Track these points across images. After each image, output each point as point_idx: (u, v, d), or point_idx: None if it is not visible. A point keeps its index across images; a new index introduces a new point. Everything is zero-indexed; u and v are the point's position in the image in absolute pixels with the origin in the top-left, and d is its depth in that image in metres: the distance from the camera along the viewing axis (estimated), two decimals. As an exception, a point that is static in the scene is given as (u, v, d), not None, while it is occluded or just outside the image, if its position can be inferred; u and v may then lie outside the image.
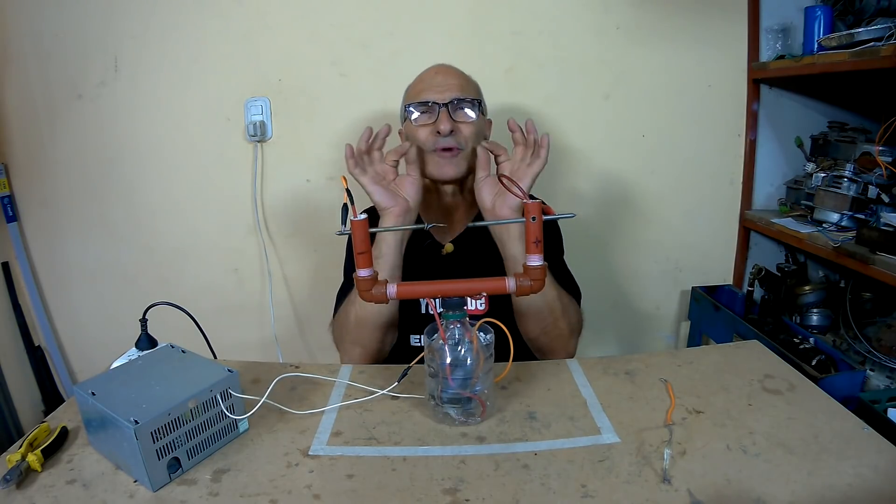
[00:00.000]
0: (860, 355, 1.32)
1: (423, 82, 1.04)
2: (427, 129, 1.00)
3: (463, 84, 1.04)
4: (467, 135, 1.01)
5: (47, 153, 1.61)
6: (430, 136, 1.00)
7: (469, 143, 1.01)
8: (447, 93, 1.01)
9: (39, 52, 1.55)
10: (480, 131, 1.05)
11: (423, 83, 1.04)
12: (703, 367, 0.90)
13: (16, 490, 0.65)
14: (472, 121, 1.01)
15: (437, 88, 1.01)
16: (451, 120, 0.99)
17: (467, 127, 1.01)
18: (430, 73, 1.05)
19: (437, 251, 1.07)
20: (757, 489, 0.63)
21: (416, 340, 1.07)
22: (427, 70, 1.07)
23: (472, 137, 1.02)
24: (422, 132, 1.01)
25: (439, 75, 1.04)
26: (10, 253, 1.66)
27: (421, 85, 1.04)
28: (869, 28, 1.17)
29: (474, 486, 0.65)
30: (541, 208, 0.79)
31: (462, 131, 1.00)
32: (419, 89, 1.04)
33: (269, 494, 0.65)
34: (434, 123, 0.99)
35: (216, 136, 1.58)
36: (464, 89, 1.02)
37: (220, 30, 1.52)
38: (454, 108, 1.00)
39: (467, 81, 1.06)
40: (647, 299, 1.71)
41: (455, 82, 1.03)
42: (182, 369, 0.76)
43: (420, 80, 1.06)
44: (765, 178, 1.62)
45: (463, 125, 1.00)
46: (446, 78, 1.03)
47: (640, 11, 1.50)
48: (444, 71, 1.05)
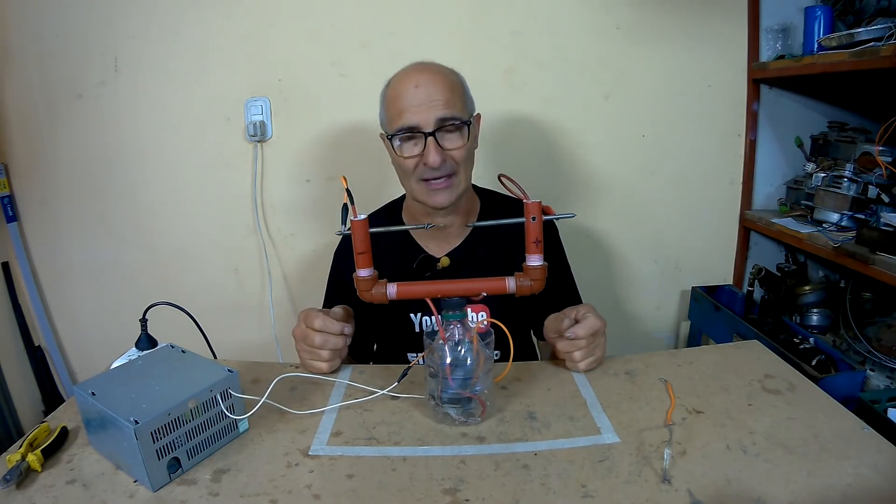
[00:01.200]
0: (860, 355, 1.32)
1: (403, 100, 0.93)
2: (414, 160, 0.94)
3: (447, 96, 0.93)
4: (458, 159, 0.94)
5: (47, 153, 1.61)
6: (419, 166, 0.94)
7: (462, 166, 0.95)
8: (432, 112, 0.91)
9: (39, 52, 1.55)
10: (472, 147, 0.98)
11: (403, 101, 0.93)
12: (703, 367, 0.90)
13: (16, 490, 0.66)
14: (461, 146, 0.94)
15: (420, 109, 0.91)
16: (439, 149, 0.92)
17: (458, 152, 0.94)
18: (410, 87, 0.93)
19: (433, 265, 1.04)
20: (757, 489, 0.63)
21: (412, 357, 1.07)
22: (405, 79, 0.95)
23: (464, 160, 0.95)
24: (409, 162, 0.94)
25: (420, 88, 0.92)
26: (10, 253, 1.66)
27: (401, 103, 0.93)
28: (869, 28, 1.17)
29: (474, 486, 0.65)
30: (541, 208, 0.79)
31: (453, 157, 0.94)
32: (399, 109, 0.93)
33: (269, 494, 0.65)
34: (422, 155, 0.92)
35: (216, 136, 1.58)
36: (448, 103, 0.92)
37: (221, 30, 1.52)
38: (441, 134, 0.92)
39: (451, 89, 0.94)
40: (647, 299, 1.71)
41: (439, 97, 0.92)
42: (182, 369, 0.76)
43: (399, 95, 0.94)
44: (765, 178, 1.62)
45: (453, 151, 0.94)
46: (428, 92, 0.92)
47: (640, 11, 1.50)
48: (424, 81, 0.93)
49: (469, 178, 1.00)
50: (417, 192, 0.97)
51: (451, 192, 0.96)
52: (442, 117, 0.92)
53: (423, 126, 0.92)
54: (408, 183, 0.99)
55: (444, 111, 0.92)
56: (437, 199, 0.96)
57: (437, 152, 0.91)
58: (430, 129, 0.92)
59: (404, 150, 0.95)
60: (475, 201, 1.11)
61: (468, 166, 0.98)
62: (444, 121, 0.92)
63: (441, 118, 0.92)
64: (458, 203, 1.01)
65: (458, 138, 0.94)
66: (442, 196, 0.96)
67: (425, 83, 0.93)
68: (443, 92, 0.93)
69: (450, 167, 0.94)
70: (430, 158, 0.91)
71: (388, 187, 1.23)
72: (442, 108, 0.92)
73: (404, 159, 0.95)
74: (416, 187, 0.97)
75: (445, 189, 0.95)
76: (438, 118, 0.92)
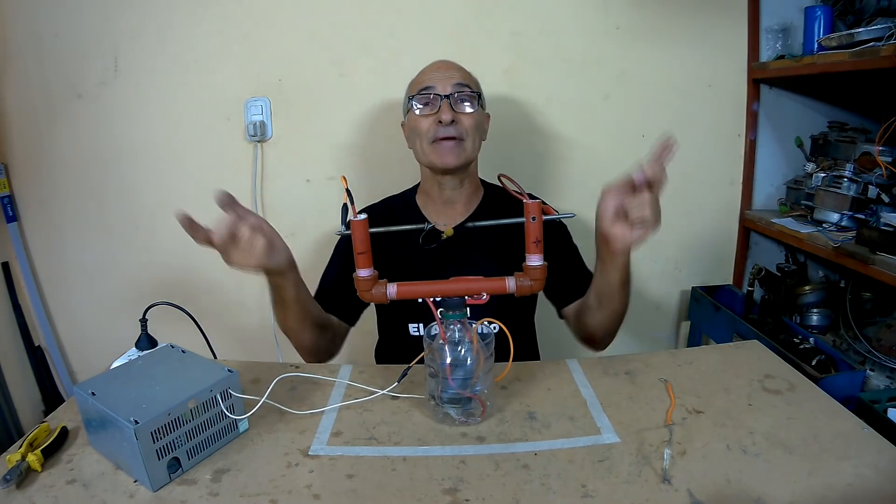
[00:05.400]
0: (860, 355, 1.32)
1: (426, 74, 1.09)
2: (429, 119, 1.04)
3: (465, 75, 1.08)
4: (468, 126, 1.04)
5: (47, 153, 1.61)
6: (432, 126, 1.04)
7: (469, 134, 1.05)
8: (449, 83, 1.05)
9: (39, 52, 1.55)
10: (480, 124, 1.08)
11: (426, 75, 1.08)
12: (703, 367, 0.90)
13: (16, 490, 0.66)
14: (472, 112, 1.05)
15: (440, 79, 1.05)
16: (452, 110, 1.03)
17: (468, 118, 1.04)
18: (433, 67, 1.10)
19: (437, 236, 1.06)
20: (757, 489, 0.63)
21: (414, 329, 1.08)
22: (430, 64, 1.11)
23: (473, 128, 1.05)
24: (424, 122, 1.04)
25: (441, 69, 1.08)
26: (10, 253, 1.66)
27: (423, 77, 1.08)
28: (869, 28, 1.17)
29: (474, 486, 0.65)
30: (541, 208, 0.79)
31: (463, 122, 1.04)
32: (421, 80, 1.08)
33: (269, 494, 0.65)
34: (436, 114, 1.03)
35: (216, 136, 1.58)
36: (465, 79, 1.07)
37: (220, 30, 1.51)
38: (455, 100, 1.04)
39: (468, 75, 1.10)
40: (647, 299, 1.71)
41: (457, 74, 1.07)
42: (182, 369, 0.76)
43: (423, 72, 1.10)
44: (765, 178, 1.62)
45: (464, 116, 1.04)
46: (449, 70, 1.08)
47: (640, 11, 1.50)
48: (445, 65, 1.09)
49: (475, 150, 1.08)
50: (429, 152, 1.05)
51: (458, 154, 1.04)
52: (458, 83, 1.05)
53: (440, 91, 1.04)
54: (421, 146, 1.06)
55: (459, 80, 1.06)
56: (445, 160, 1.04)
57: (449, 110, 1.03)
58: (447, 93, 1.04)
59: (422, 111, 1.05)
60: (479, 189, 1.16)
61: (476, 137, 1.07)
62: (460, 86, 1.05)
63: (457, 83, 1.05)
64: (464, 176, 1.09)
65: (469, 106, 1.05)
66: (450, 156, 1.04)
67: (446, 66, 1.09)
68: (461, 72, 1.09)
69: (458, 130, 1.03)
70: (443, 115, 1.02)
71: (389, 187, 1.23)
72: (458, 80, 1.06)
73: (421, 118, 1.05)
74: (427, 149, 1.05)
75: (453, 150, 1.04)
76: (455, 84, 1.05)
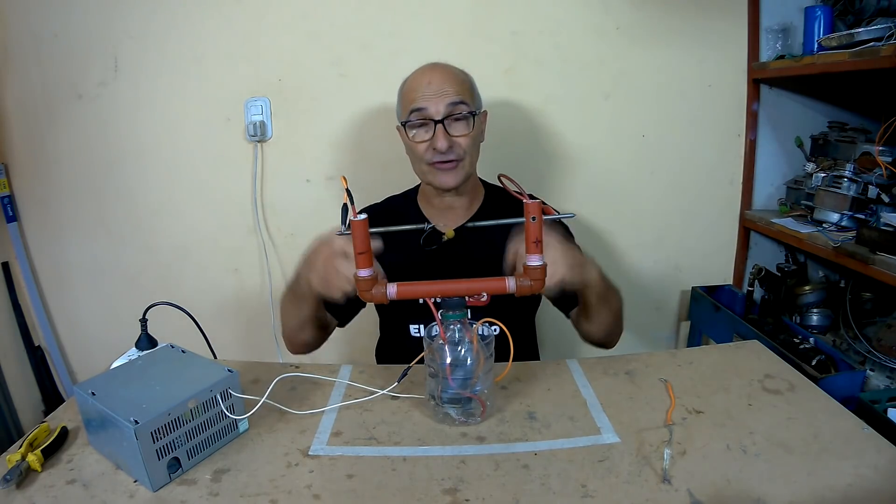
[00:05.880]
0: (860, 355, 1.32)
1: (416, 91, 1.03)
2: (425, 144, 1.03)
3: (456, 88, 1.03)
4: (465, 146, 1.04)
5: (47, 153, 1.61)
6: (428, 150, 1.03)
7: (467, 153, 1.05)
8: (441, 101, 1.01)
9: (39, 52, 1.55)
10: (477, 136, 1.08)
11: (416, 92, 1.03)
12: (703, 367, 0.90)
13: (16, 490, 0.66)
14: (467, 133, 1.04)
15: (431, 97, 1.01)
16: (447, 135, 1.01)
17: (464, 139, 1.04)
18: (423, 80, 1.04)
19: (438, 238, 1.07)
20: (757, 489, 0.63)
21: (415, 330, 1.08)
22: (419, 73, 1.06)
23: (470, 146, 1.05)
24: (420, 146, 1.04)
25: (433, 83, 1.02)
26: (10, 253, 1.66)
27: (414, 94, 1.03)
28: (869, 28, 1.17)
29: (474, 486, 0.65)
30: (541, 208, 0.79)
31: (460, 144, 1.03)
32: (412, 98, 1.03)
33: (269, 494, 0.65)
34: (431, 140, 1.02)
35: (216, 136, 1.58)
36: (457, 93, 1.02)
37: (220, 30, 1.51)
38: (450, 122, 1.02)
39: (461, 82, 1.05)
40: (647, 299, 1.71)
41: (448, 88, 1.02)
42: (182, 369, 0.76)
43: (412, 87, 1.05)
44: (765, 178, 1.62)
45: (460, 138, 1.03)
46: (440, 84, 1.02)
47: (640, 12, 1.50)
48: (437, 76, 1.03)
49: (474, 164, 1.09)
50: (427, 173, 1.07)
51: (457, 174, 1.05)
52: (451, 102, 1.02)
53: (433, 114, 1.02)
54: (419, 166, 1.08)
55: (452, 97, 1.02)
56: (443, 180, 1.05)
57: (444, 138, 1.01)
58: (440, 117, 1.01)
59: (416, 136, 1.04)
60: (480, 190, 1.17)
61: (473, 153, 1.07)
62: (453, 106, 1.02)
63: (450, 103, 1.02)
64: (464, 186, 1.10)
65: (464, 127, 1.04)
66: (448, 177, 1.05)
67: (437, 78, 1.04)
68: (452, 84, 1.03)
69: (456, 153, 1.03)
70: (438, 143, 1.01)
71: (389, 187, 1.23)
72: (451, 96, 1.02)
73: (416, 144, 1.04)
74: (426, 169, 1.06)
75: (451, 171, 1.05)
76: (448, 104, 1.02)
